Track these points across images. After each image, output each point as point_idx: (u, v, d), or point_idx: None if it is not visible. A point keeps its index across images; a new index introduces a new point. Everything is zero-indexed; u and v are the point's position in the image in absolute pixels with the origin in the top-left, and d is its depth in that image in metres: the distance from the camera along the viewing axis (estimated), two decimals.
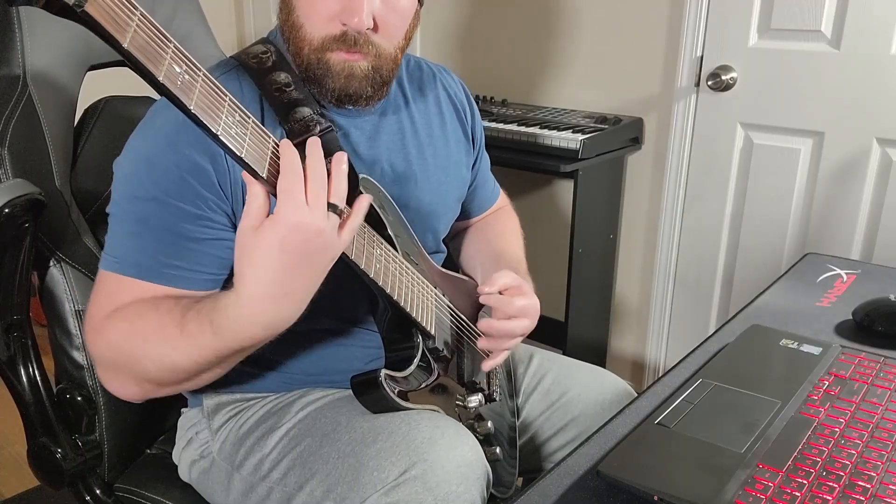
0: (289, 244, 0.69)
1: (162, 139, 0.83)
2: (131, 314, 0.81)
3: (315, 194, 0.69)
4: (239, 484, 0.95)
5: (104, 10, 0.54)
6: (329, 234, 0.71)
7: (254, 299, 0.71)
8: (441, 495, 0.80)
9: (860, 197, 1.81)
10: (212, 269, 0.87)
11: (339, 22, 0.84)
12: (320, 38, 0.86)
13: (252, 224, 0.69)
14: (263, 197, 0.69)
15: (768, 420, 0.75)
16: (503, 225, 1.21)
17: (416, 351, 0.92)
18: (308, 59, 0.87)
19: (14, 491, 1.92)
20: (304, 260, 0.70)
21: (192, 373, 0.80)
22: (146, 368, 0.81)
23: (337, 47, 0.86)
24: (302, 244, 0.69)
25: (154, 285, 0.84)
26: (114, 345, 0.82)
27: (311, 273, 0.72)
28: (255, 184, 0.69)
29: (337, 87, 0.88)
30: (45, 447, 1.01)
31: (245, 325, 0.73)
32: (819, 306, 1.10)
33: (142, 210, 0.83)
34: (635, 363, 2.31)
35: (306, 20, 0.86)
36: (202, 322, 0.75)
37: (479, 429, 0.99)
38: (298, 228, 0.68)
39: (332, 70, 0.87)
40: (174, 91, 0.60)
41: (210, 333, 0.75)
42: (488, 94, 2.32)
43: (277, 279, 0.70)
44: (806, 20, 1.78)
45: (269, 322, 0.73)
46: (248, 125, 0.68)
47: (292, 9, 0.87)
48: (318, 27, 0.85)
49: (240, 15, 3.11)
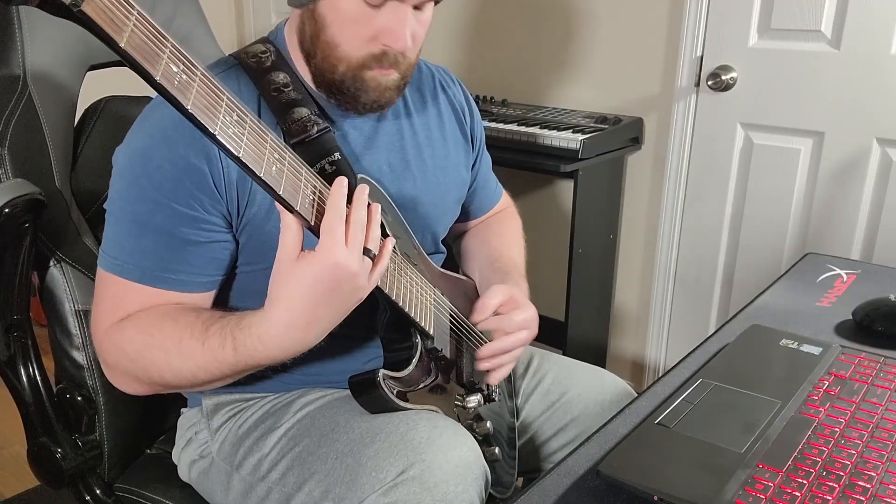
0: (324, 280, 0.72)
1: (158, 134, 0.83)
2: (149, 326, 0.83)
3: (355, 237, 0.73)
4: (238, 484, 0.95)
5: (101, 10, 0.54)
6: (361, 277, 0.75)
7: (281, 324, 0.75)
8: (439, 496, 0.80)
9: (860, 197, 1.81)
10: (209, 272, 0.87)
11: (379, 43, 0.85)
12: (359, 58, 0.86)
13: (290, 255, 0.73)
14: (297, 228, 0.73)
15: (768, 420, 0.75)
16: (503, 227, 1.21)
17: (414, 351, 0.92)
18: (343, 76, 0.87)
19: (14, 491, 1.92)
20: (335, 297, 0.74)
21: (206, 382, 0.83)
22: (163, 377, 0.83)
23: (375, 65, 0.87)
24: (335, 282, 0.73)
25: (157, 290, 0.85)
26: (131, 354, 0.83)
27: (337, 309, 0.76)
28: (287, 214, 0.72)
29: (370, 100, 0.89)
30: (45, 447, 1.01)
31: (266, 347, 0.76)
32: (819, 306, 1.10)
33: (138, 210, 0.83)
34: (635, 363, 2.31)
35: (344, 41, 0.85)
36: (224, 338, 0.78)
37: (478, 429, 0.99)
38: (337, 267, 0.72)
39: (367, 85, 0.88)
40: (171, 91, 0.61)
41: (231, 350, 0.78)
42: (488, 94, 2.32)
43: (307, 309, 0.74)
44: (806, 20, 1.78)
45: (290, 346, 0.77)
46: (246, 124, 0.68)
47: (324, 26, 0.85)
48: (358, 47, 0.85)
49: (240, 15, 3.11)
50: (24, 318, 1.00)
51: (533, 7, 2.23)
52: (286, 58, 0.92)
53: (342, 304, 0.76)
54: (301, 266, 0.72)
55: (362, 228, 0.74)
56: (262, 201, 0.87)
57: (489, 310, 0.96)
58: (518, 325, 0.97)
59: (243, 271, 0.93)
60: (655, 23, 2.01)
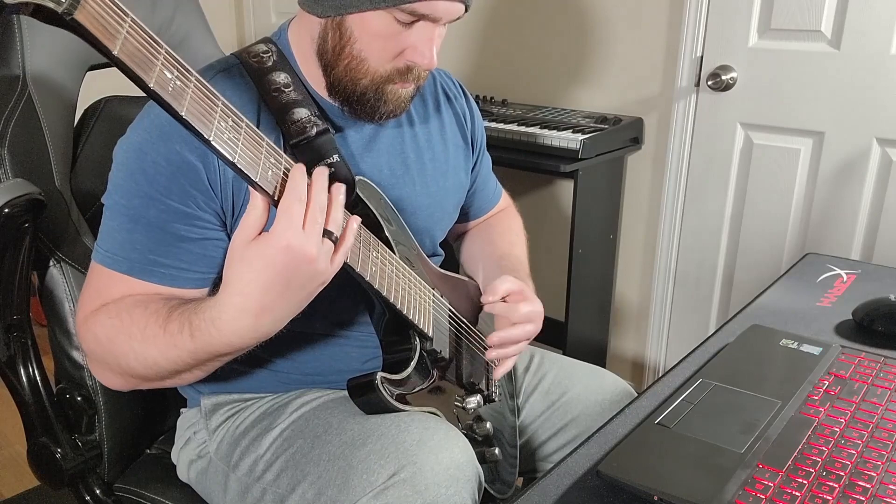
0: (277, 263, 0.70)
1: (155, 130, 0.83)
2: (120, 311, 0.82)
3: (313, 220, 0.71)
4: (235, 484, 0.95)
5: (94, 18, 0.54)
6: (320, 262, 0.72)
7: (234, 308, 0.73)
8: (430, 498, 0.79)
9: (860, 197, 1.81)
10: (200, 268, 0.87)
11: (405, 59, 0.86)
12: (385, 73, 0.87)
13: (246, 236, 0.71)
14: (262, 210, 0.71)
15: (768, 420, 0.75)
16: (506, 226, 1.21)
17: (413, 353, 0.92)
18: (366, 88, 0.88)
19: (14, 491, 1.92)
20: (291, 282, 0.72)
21: (170, 371, 0.81)
22: (129, 364, 0.82)
23: (399, 80, 0.87)
24: (290, 267, 0.71)
25: (143, 282, 0.84)
26: (101, 339, 0.83)
27: (294, 296, 0.74)
28: (257, 196, 0.70)
29: (387, 112, 0.90)
30: (45, 447, 1.01)
31: (221, 332, 0.74)
32: (819, 306, 1.10)
33: (132, 205, 0.83)
34: (635, 363, 2.31)
35: (371, 56, 0.86)
36: (182, 322, 0.77)
37: (479, 429, 0.98)
38: (289, 250, 0.70)
39: (386, 97, 0.88)
40: (165, 97, 0.61)
41: (188, 334, 0.76)
42: (488, 94, 2.32)
43: (259, 294, 0.72)
44: (806, 20, 1.78)
45: (245, 333, 0.74)
46: (241, 130, 0.68)
47: (351, 40, 0.85)
48: (384, 62, 0.86)
49: (240, 15, 3.11)
50: (24, 318, 1.00)
51: (533, 7, 2.23)
52: (288, 59, 0.92)
53: (300, 291, 0.73)
54: (253, 247, 0.70)
55: (322, 210, 0.72)
56: None
57: (499, 294, 0.96)
58: (524, 317, 0.96)
59: None
60: (655, 23, 2.01)
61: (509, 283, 0.97)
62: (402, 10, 0.82)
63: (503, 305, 0.96)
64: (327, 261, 0.73)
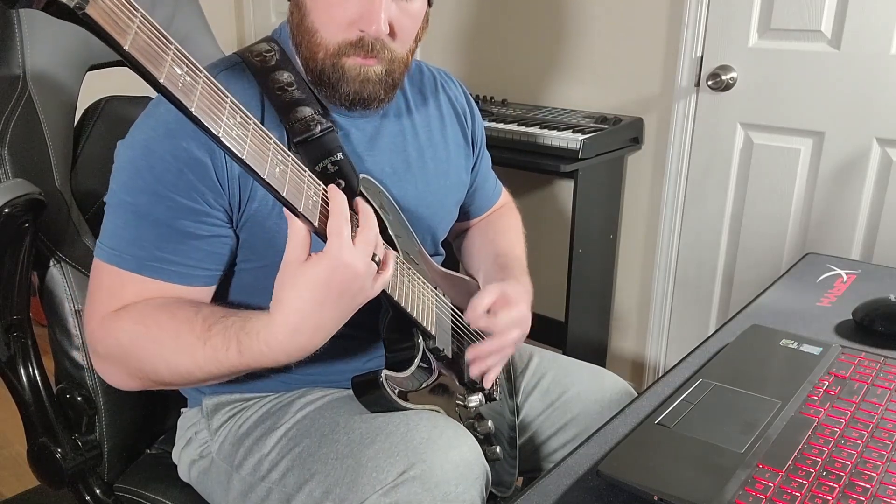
0: (333, 281, 0.73)
1: (162, 128, 0.83)
2: (143, 316, 0.82)
3: (365, 240, 0.74)
4: (238, 484, 0.95)
5: (105, 13, 0.54)
6: (368, 279, 0.76)
7: (287, 327, 0.74)
8: (440, 496, 0.80)
9: (860, 197, 1.81)
10: (208, 265, 0.87)
11: (356, 28, 0.84)
12: (336, 44, 0.86)
13: (298, 256, 0.72)
14: (305, 232, 0.73)
15: (768, 420, 0.75)
16: (505, 225, 1.21)
17: (416, 351, 0.93)
18: (323, 63, 0.87)
19: (14, 491, 1.92)
20: (341, 298, 0.75)
21: (200, 379, 0.82)
22: (157, 371, 0.82)
23: (353, 53, 0.86)
24: (344, 283, 0.73)
25: (155, 281, 0.84)
26: (125, 344, 0.82)
27: (342, 311, 0.76)
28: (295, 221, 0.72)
29: (351, 91, 0.88)
30: (45, 447, 1.01)
31: (273, 351, 0.76)
32: (819, 306, 1.10)
33: (139, 202, 0.83)
34: (635, 363, 2.31)
35: (321, 26, 0.85)
36: (229, 339, 0.77)
37: (480, 428, 0.99)
38: (346, 267, 0.72)
39: (347, 75, 0.87)
40: (175, 93, 0.61)
41: (235, 352, 0.77)
42: (488, 94, 2.32)
43: (314, 312, 0.74)
44: (806, 20, 1.78)
45: (294, 350, 0.77)
46: (250, 127, 0.68)
47: (305, 13, 0.86)
48: (335, 33, 0.85)
49: (240, 15, 3.11)
50: (24, 318, 1.00)
51: (533, 7, 2.23)
52: (290, 57, 0.92)
53: (347, 307, 0.76)
54: (310, 266, 0.72)
55: (371, 230, 0.76)
56: (263, 198, 0.86)
57: (479, 310, 0.95)
58: (505, 325, 0.96)
59: (243, 268, 0.93)
60: (655, 23, 2.01)
61: (489, 296, 0.96)
62: None
63: (485, 318, 0.96)
64: (372, 281, 0.76)
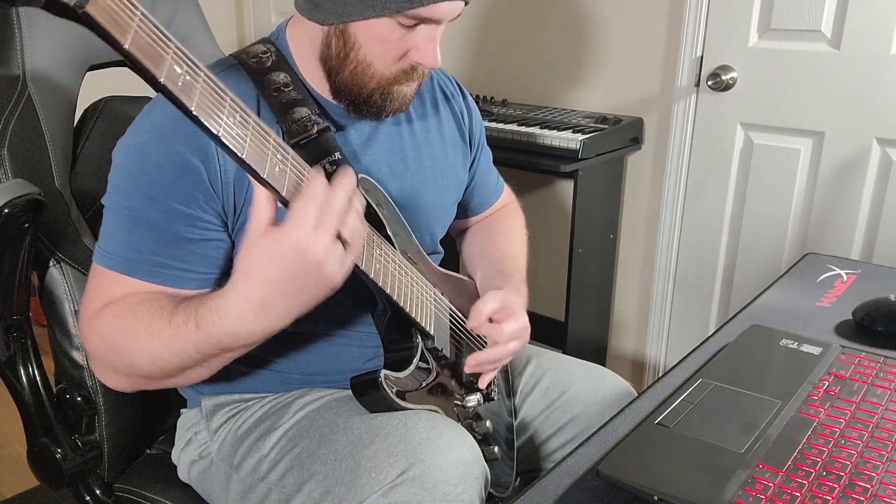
0: (282, 259, 0.69)
1: (156, 132, 0.83)
2: (124, 309, 0.82)
3: (323, 221, 0.69)
4: (237, 484, 0.95)
5: (105, 11, 0.54)
6: (329, 266, 0.70)
7: (238, 296, 0.73)
8: (439, 496, 0.80)
9: (860, 197, 1.81)
10: (201, 269, 0.87)
11: (409, 59, 0.87)
12: (391, 75, 0.88)
13: (258, 227, 0.70)
14: (271, 204, 0.70)
15: (768, 420, 0.75)
16: (507, 227, 1.21)
17: (415, 351, 0.93)
18: (373, 91, 0.89)
19: (14, 491, 1.92)
20: (295, 281, 0.71)
21: (175, 366, 0.80)
22: (134, 361, 0.82)
23: (405, 80, 0.89)
24: (295, 265, 0.69)
25: (147, 284, 0.84)
26: (107, 337, 0.82)
27: (299, 296, 0.72)
28: (260, 188, 0.69)
29: (393, 110, 0.92)
30: (45, 447, 1.01)
31: (223, 320, 0.74)
32: (819, 306, 1.10)
33: (133, 206, 0.83)
34: (635, 363, 2.31)
35: (376, 59, 0.86)
36: (188, 313, 0.77)
37: (478, 428, 0.99)
38: (296, 249, 0.69)
39: (392, 97, 0.90)
40: (175, 92, 0.60)
41: (193, 324, 0.76)
42: (488, 94, 2.32)
43: (263, 286, 0.71)
44: (806, 20, 1.77)
45: (247, 324, 0.74)
46: (249, 126, 0.68)
47: (355, 46, 0.86)
48: (390, 65, 0.87)
49: (240, 15, 3.11)
50: (24, 318, 1.00)
51: (533, 7, 2.23)
52: (287, 58, 0.92)
53: (304, 291, 0.72)
54: (263, 240, 0.70)
55: (335, 214, 0.70)
56: None
57: (483, 316, 0.95)
58: (508, 337, 0.97)
59: None
60: (655, 23, 2.01)
61: (492, 303, 0.96)
62: (406, 15, 0.82)
63: (488, 326, 0.96)
64: (337, 265, 0.71)
